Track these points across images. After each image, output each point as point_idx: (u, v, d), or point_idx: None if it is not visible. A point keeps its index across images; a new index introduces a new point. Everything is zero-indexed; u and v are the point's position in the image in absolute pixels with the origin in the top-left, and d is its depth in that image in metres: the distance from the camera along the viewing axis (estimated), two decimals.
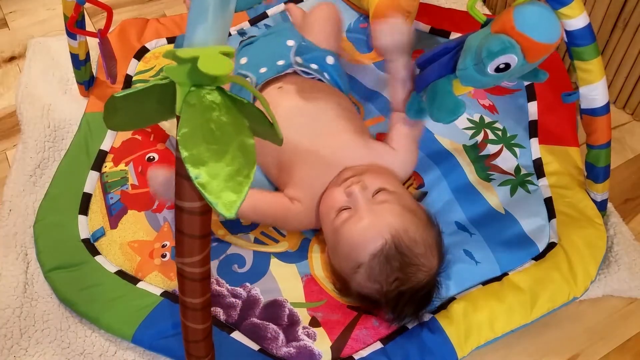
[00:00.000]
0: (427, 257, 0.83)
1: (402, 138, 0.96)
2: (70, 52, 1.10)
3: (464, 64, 0.77)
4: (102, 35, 1.04)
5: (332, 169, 0.92)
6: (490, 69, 0.74)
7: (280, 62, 1.03)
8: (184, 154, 0.46)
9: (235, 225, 0.99)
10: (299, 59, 1.04)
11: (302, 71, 1.03)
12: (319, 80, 1.04)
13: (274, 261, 0.94)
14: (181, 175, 0.50)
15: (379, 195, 0.86)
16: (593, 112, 0.87)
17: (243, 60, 1.07)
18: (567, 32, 0.79)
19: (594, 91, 0.84)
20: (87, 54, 1.12)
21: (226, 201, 0.47)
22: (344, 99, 1.04)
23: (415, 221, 0.84)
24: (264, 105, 0.52)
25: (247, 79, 1.03)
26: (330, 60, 1.06)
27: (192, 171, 0.46)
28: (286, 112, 0.95)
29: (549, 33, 0.72)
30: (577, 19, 0.78)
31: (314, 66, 1.04)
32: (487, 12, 1.40)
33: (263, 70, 1.03)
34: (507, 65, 0.74)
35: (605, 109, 0.86)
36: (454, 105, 0.81)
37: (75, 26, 1.03)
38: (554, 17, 0.72)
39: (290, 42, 1.07)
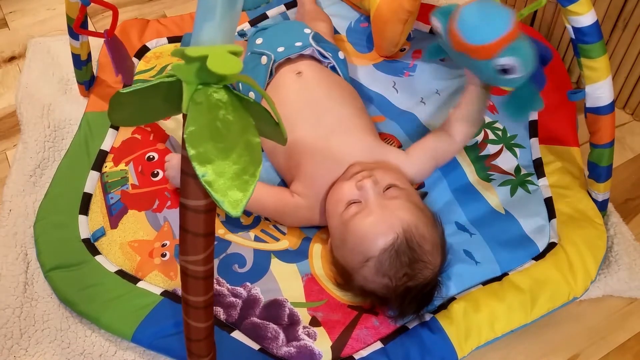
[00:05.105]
0: (433, 254, 0.84)
1: (419, 149, 0.97)
2: (72, 53, 1.09)
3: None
4: (108, 35, 1.03)
5: (340, 165, 0.93)
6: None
7: (298, 44, 1.05)
8: (191, 152, 0.46)
9: (235, 224, 0.99)
10: (315, 43, 1.06)
11: (319, 53, 1.05)
12: (333, 68, 1.07)
13: (274, 261, 0.94)
14: (187, 173, 0.50)
15: (389, 191, 0.86)
16: (597, 111, 0.87)
17: (259, 41, 1.09)
18: (575, 29, 0.79)
19: (600, 89, 0.85)
20: (89, 54, 1.12)
21: (232, 199, 0.47)
22: (357, 95, 1.06)
23: (424, 219, 0.84)
24: (269, 105, 0.52)
25: (264, 57, 1.05)
26: (341, 55, 1.09)
27: (199, 169, 0.46)
28: (301, 104, 0.97)
29: (480, 34, 0.74)
30: (585, 16, 0.78)
31: (328, 54, 1.06)
32: None
33: (280, 49, 1.05)
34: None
35: (610, 107, 0.86)
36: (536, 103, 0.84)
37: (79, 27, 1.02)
38: (493, 16, 0.73)
39: (307, 30, 1.09)
